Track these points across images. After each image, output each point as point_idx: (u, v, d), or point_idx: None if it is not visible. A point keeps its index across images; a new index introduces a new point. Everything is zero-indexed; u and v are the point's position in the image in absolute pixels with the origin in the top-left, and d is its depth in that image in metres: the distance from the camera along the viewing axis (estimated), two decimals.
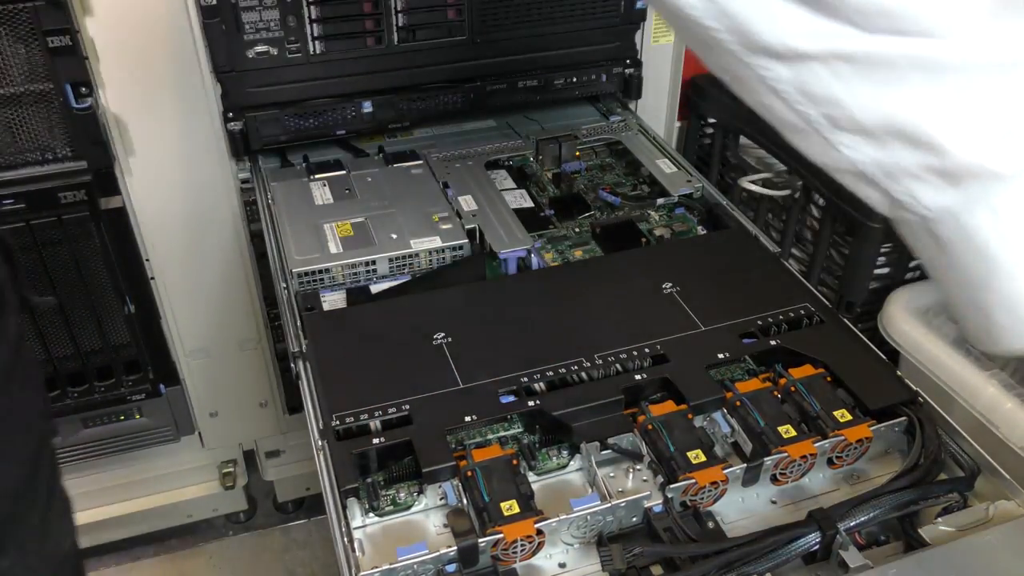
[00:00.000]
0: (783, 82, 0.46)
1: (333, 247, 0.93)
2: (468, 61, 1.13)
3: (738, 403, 0.70)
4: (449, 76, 1.13)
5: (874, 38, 0.43)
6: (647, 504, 0.63)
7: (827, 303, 0.83)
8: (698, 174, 1.08)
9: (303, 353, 0.78)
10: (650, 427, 0.68)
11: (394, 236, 0.94)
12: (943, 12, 0.42)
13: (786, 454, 0.65)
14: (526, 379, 0.73)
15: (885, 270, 1.08)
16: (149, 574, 1.45)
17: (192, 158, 1.08)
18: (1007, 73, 0.43)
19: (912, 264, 1.09)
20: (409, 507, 0.66)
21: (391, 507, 0.66)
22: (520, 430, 0.71)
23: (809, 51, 0.45)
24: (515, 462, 0.65)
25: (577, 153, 1.16)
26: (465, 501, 0.64)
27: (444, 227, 0.96)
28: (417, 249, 0.92)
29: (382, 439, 0.67)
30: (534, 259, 0.93)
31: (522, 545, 0.60)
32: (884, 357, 0.76)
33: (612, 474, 0.67)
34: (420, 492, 0.66)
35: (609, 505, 0.62)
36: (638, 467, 0.67)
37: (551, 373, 0.74)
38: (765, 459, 0.65)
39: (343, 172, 1.08)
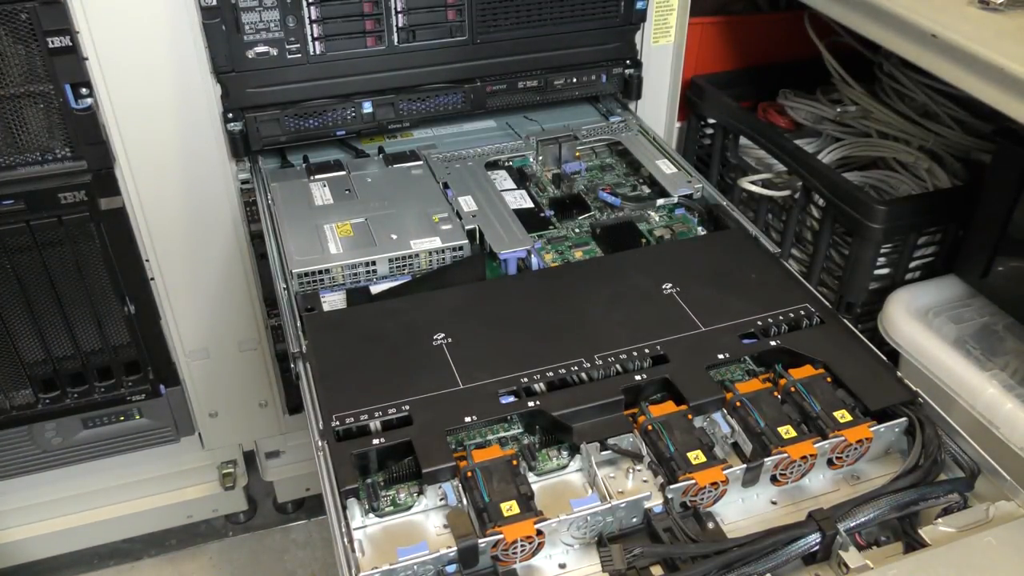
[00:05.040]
0: None
1: (333, 247, 0.93)
2: (468, 61, 1.13)
3: (738, 403, 0.70)
4: (449, 76, 1.13)
5: None
6: (647, 504, 0.63)
7: (827, 303, 0.83)
8: (698, 174, 1.08)
9: (303, 353, 0.78)
10: (650, 427, 0.68)
11: (394, 236, 0.94)
12: None
13: (786, 455, 0.65)
14: (526, 379, 0.73)
15: (885, 270, 1.08)
16: (149, 574, 1.45)
17: (192, 158, 1.08)
18: None
19: (912, 264, 1.09)
20: (409, 507, 0.66)
21: (391, 507, 0.66)
22: (520, 430, 0.71)
23: None
24: (515, 462, 0.65)
25: (577, 153, 1.16)
26: (465, 501, 0.64)
27: (444, 227, 0.96)
28: (417, 249, 0.92)
29: (382, 439, 0.67)
30: (534, 259, 0.93)
31: (522, 545, 0.60)
32: (884, 357, 0.76)
33: (612, 475, 0.67)
34: (420, 492, 0.66)
35: (609, 505, 0.62)
36: (638, 467, 0.67)
37: (551, 373, 0.74)
38: (765, 460, 0.65)
39: (343, 172, 1.08)
